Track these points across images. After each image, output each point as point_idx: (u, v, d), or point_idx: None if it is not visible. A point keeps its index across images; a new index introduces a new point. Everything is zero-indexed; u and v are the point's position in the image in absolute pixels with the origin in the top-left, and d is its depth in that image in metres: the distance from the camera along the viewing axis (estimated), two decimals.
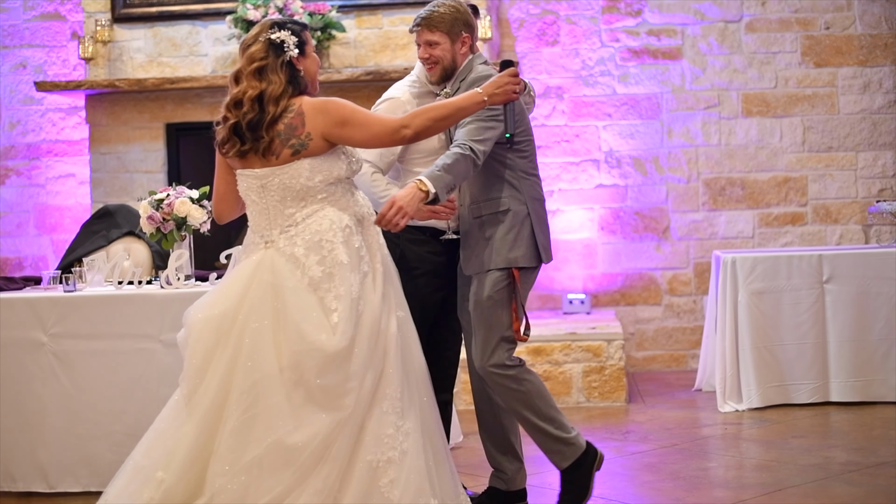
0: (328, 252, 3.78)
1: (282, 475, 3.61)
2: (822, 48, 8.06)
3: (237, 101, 3.84)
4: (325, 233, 3.81)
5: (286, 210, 3.85)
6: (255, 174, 3.86)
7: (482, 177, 4.24)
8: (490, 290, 4.23)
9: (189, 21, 7.89)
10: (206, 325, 3.78)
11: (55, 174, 8.35)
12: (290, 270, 3.77)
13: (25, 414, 5.07)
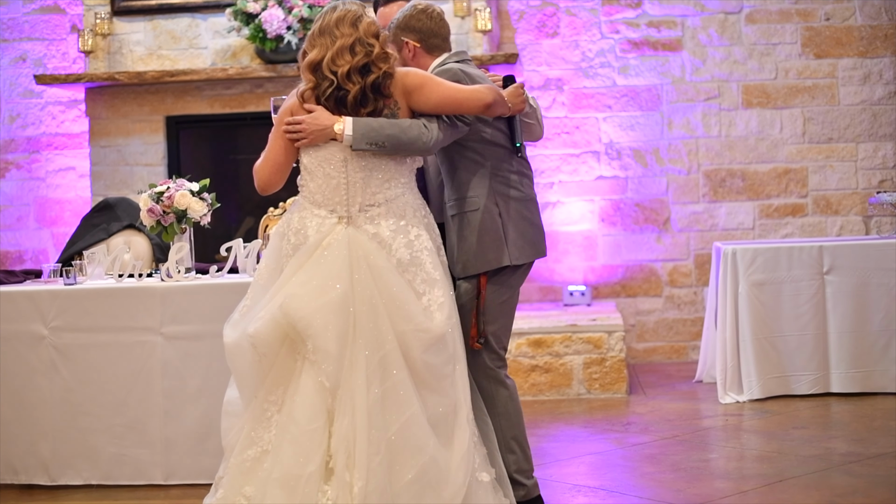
0: (414, 237, 3.80)
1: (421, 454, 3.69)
2: (823, 39, 8.05)
3: (373, 61, 3.84)
4: (409, 217, 3.83)
5: (369, 188, 3.83)
6: (341, 147, 3.81)
7: (455, 174, 4.16)
8: (465, 298, 4.11)
9: (189, 14, 7.89)
10: (329, 309, 3.70)
11: (55, 167, 8.34)
12: (377, 250, 3.76)
13: (26, 407, 5.08)
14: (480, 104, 3.87)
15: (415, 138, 3.85)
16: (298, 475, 3.59)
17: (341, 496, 3.58)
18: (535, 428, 6.01)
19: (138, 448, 5.00)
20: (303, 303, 3.69)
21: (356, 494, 3.56)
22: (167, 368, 5.00)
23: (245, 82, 7.73)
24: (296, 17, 7.44)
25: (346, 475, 3.59)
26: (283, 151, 3.91)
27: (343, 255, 3.76)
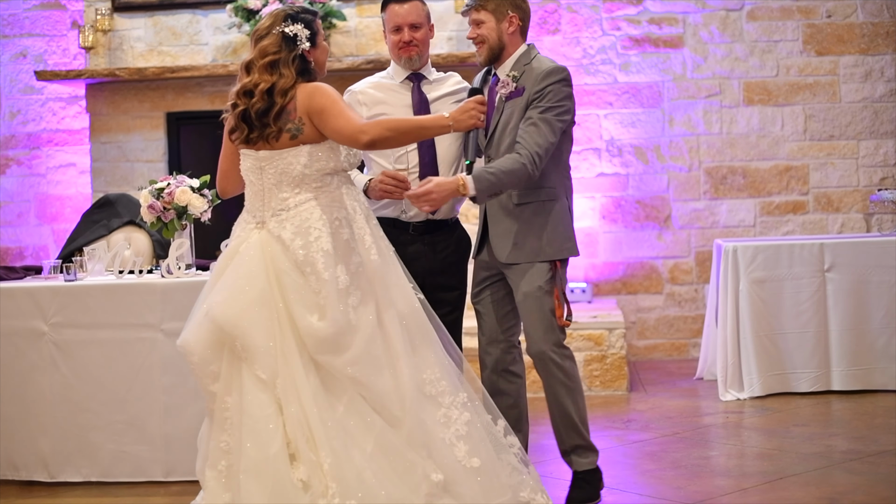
0: (314, 239, 3.84)
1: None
2: (824, 36, 8.04)
3: (248, 91, 3.93)
4: (314, 221, 3.87)
5: (280, 194, 3.92)
6: (256, 156, 3.94)
7: None
8: (541, 281, 4.32)
9: (189, 10, 7.88)
10: (252, 307, 3.81)
11: (56, 164, 8.34)
12: (280, 252, 3.85)
13: (26, 403, 5.08)
14: (357, 144, 3.89)
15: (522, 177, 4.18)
16: (263, 459, 3.70)
17: (314, 475, 3.68)
18: (536, 425, 6.00)
19: (138, 445, 5.00)
20: (226, 306, 3.82)
21: (328, 472, 3.68)
22: (167, 365, 5.00)
23: None
24: None
25: (311, 455, 3.71)
26: (226, 158, 4.10)
27: (257, 256, 3.88)
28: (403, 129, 3.97)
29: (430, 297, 4.53)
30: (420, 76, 4.61)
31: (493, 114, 4.37)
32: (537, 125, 4.23)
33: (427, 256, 4.53)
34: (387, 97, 4.57)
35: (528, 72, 4.35)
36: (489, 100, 4.38)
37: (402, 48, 4.54)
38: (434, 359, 3.98)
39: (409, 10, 4.55)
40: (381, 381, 3.84)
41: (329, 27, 7.54)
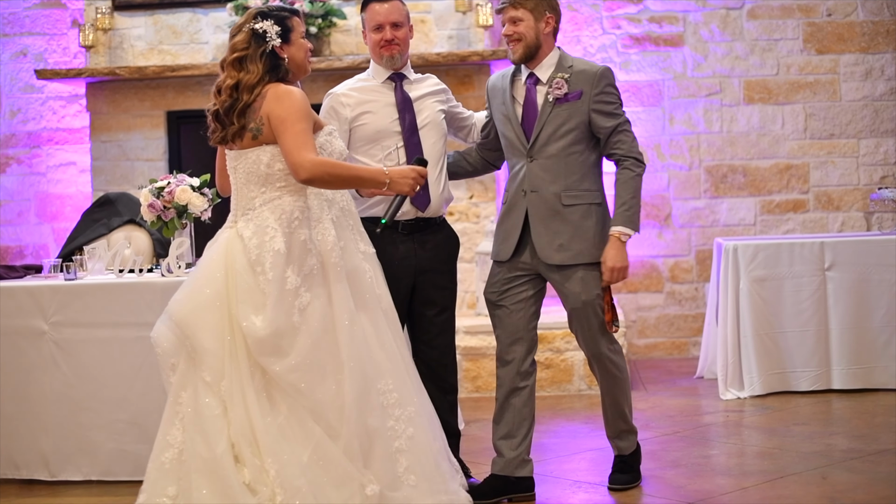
0: (269, 239, 3.87)
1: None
2: (824, 35, 8.04)
3: (218, 89, 3.99)
4: (272, 221, 3.91)
5: (249, 193, 3.97)
6: (230, 155, 4.02)
7: (579, 165, 4.44)
8: (595, 282, 4.44)
9: (190, 9, 7.88)
10: (203, 308, 3.87)
11: (56, 162, 8.34)
12: (240, 252, 3.90)
13: (27, 402, 5.08)
14: (294, 175, 3.89)
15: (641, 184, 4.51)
16: (210, 458, 3.76)
17: (259, 480, 3.73)
18: (537, 424, 5.99)
19: (139, 444, 4.99)
20: (181, 305, 3.91)
21: (274, 478, 3.72)
22: None
23: None
24: None
25: (255, 460, 3.75)
26: (220, 156, 4.18)
27: (220, 256, 3.93)
28: (343, 176, 3.94)
29: (422, 297, 4.54)
30: (402, 76, 4.63)
31: (539, 115, 4.42)
32: (626, 131, 4.46)
33: (417, 255, 4.55)
34: (369, 98, 4.58)
35: (577, 74, 4.42)
36: (528, 99, 4.45)
37: (384, 47, 4.56)
38: (390, 368, 3.97)
39: (391, 8, 4.57)
40: (321, 389, 3.83)
41: (329, 26, 7.54)
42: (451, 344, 4.68)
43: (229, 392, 3.81)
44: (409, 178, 3.99)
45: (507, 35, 4.43)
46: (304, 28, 4.12)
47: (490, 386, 6.82)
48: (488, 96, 4.66)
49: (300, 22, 4.09)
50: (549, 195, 4.40)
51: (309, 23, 7.45)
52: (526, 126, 4.44)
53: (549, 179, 4.40)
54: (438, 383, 4.59)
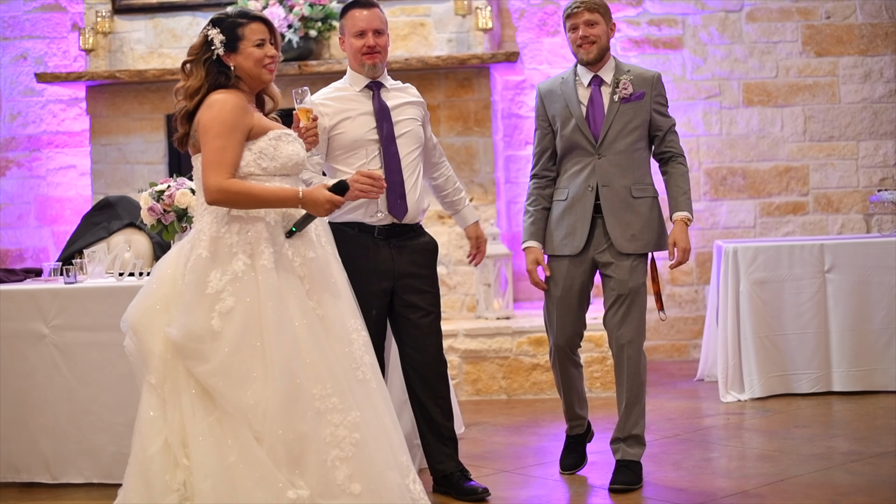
0: (198, 243, 3.94)
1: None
2: (823, 37, 8.05)
3: (175, 93, 4.10)
4: (205, 225, 3.96)
5: (198, 199, 4.05)
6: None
7: (643, 161, 4.77)
8: (645, 277, 4.73)
9: (189, 12, 7.88)
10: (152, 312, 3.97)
11: (56, 165, 8.34)
12: (181, 256, 3.99)
13: (27, 406, 5.08)
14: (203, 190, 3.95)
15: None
16: (143, 459, 3.84)
17: (188, 479, 3.79)
18: (537, 427, 6.01)
19: None
20: (134, 308, 4.01)
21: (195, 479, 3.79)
22: None
23: None
24: (297, 15, 7.43)
25: (185, 461, 3.82)
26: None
27: (173, 260, 4.04)
28: (259, 196, 3.91)
29: (402, 301, 4.54)
30: (379, 84, 4.62)
31: (607, 114, 4.67)
32: (676, 132, 4.81)
33: (394, 259, 4.55)
34: (347, 106, 4.58)
35: (637, 77, 4.71)
36: (595, 99, 4.67)
37: (367, 54, 4.54)
38: (327, 374, 3.91)
39: (372, 15, 4.56)
40: (243, 394, 3.81)
41: (329, 29, 7.54)
42: (437, 347, 4.64)
43: (171, 394, 3.88)
44: (323, 207, 3.96)
45: (584, 37, 4.64)
46: (264, 36, 4.09)
47: (490, 389, 6.82)
48: (542, 101, 4.81)
49: (258, 30, 4.07)
50: (621, 188, 4.68)
51: (308, 26, 7.46)
52: (593, 125, 4.67)
53: (619, 174, 4.68)
54: (427, 387, 4.58)
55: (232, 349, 3.82)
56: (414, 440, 4.78)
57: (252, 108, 4.06)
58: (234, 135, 3.91)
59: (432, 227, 7.44)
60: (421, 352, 4.58)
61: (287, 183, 4.02)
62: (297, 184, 4.08)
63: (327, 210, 3.96)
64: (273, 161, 3.99)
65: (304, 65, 7.47)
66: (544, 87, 4.81)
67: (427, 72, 7.44)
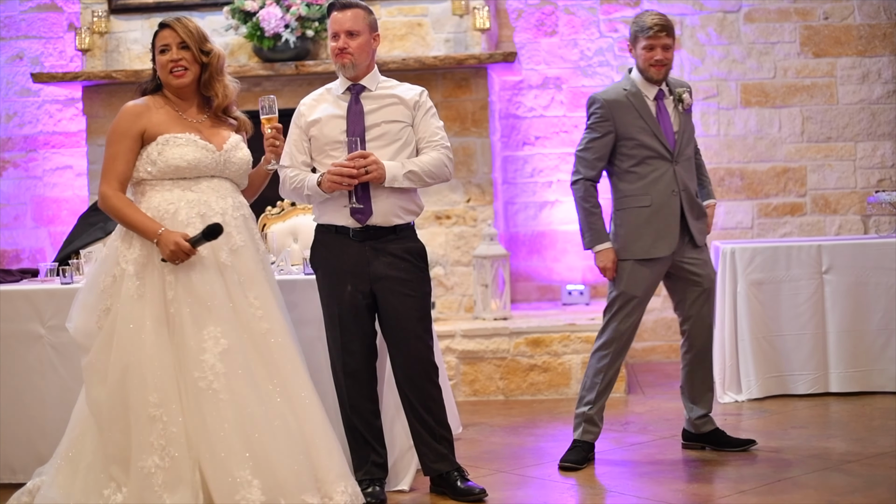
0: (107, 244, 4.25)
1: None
2: (821, 38, 8.04)
3: None
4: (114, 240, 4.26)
5: None
6: None
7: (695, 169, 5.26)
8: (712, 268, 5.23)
9: (186, 12, 7.82)
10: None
11: (52, 166, 8.33)
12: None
13: (24, 406, 5.07)
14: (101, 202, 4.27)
15: None
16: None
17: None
18: (534, 427, 6.00)
19: None
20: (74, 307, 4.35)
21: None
22: None
23: (243, 81, 7.56)
24: (293, 15, 7.42)
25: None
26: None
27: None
28: (121, 219, 4.16)
29: (384, 305, 4.54)
30: (361, 87, 4.61)
31: (674, 124, 5.07)
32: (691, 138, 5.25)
33: (370, 262, 4.53)
34: (324, 108, 4.62)
35: (687, 89, 5.16)
36: (663, 110, 5.05)
37: (337, 55, 4.57)
38: (164, 382, 4.04)
39: (344, 17, 4.56)
40: (97, 391, 4.09)
41: (325, 29, 7.51)
42: (423, 350, 4.60)
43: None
44: (167, 249, 4.06)
45: (660, 60, 4.99)
46: (166, 42, 4.25)
47: (487, 389, 6.81)
48: (609, 110, 5.04)
49: (162, 36, 4.27)
50: (692, 192, 5.10)
51: (305, 26, 7.45)
52: (667, 135, 5.04)
53: (689, 178, 5.11)
54: (415, 390, 4.57)
55: (99, 347, 4.10)
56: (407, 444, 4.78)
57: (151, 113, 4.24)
58: (124, 142, 4.22)
59: (429, 227, 7.44)
60: (406, 355, 4.57)
61: (180, 188, 4.19)
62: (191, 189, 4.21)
63: (170, 254, 4.06)
64: (155, 166, 4.18)
65: (300, 65, 7.47)
66: (608, 98, 5.05)
67: (424, 72, 7.43)
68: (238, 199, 4.34)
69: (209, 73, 4.30)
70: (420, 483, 4.79)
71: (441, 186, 7.39)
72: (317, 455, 4.17)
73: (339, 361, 4.58)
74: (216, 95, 4.33)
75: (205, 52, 4.28)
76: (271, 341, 4.22)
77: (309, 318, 4.81)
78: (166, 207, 4.19)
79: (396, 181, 4.47)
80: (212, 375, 4.05)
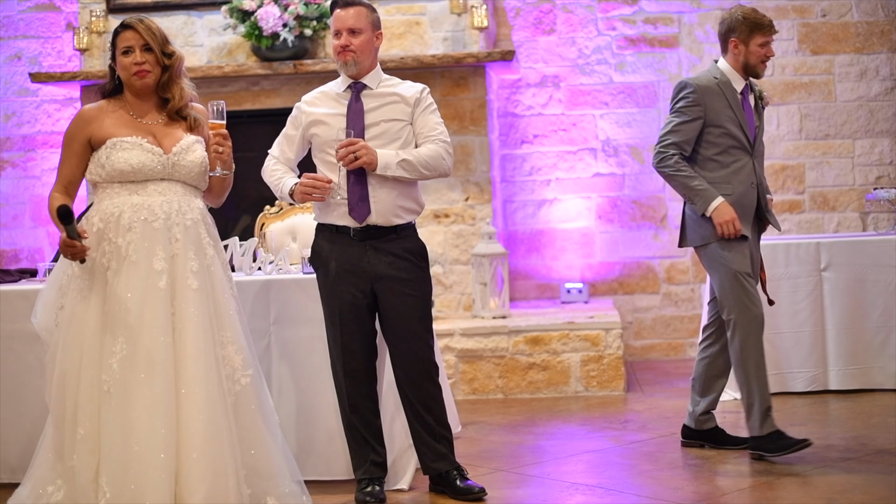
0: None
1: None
2: (819, 35, 8.05)
3: None
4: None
5: None
6: None
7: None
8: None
9: (184, 11, 7.86)
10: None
11: (51, 166, 8.32)
12: None
13: (23, 406, 5.06)
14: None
15: None
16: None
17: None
18: (533, 426, 6.00)
19: None
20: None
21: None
22: None
23: (241, 80, 7.72)
24: (291, 14, 7.42)
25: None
26: None
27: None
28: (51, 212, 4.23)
29: (384, 304, 4.54)
30: (362, 85, 4.61)
31: (756, 119, 5.13)
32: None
33: (371, 262, 4.52)
34: (325, 107, 4.62)
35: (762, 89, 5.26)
36: (747, 105, 5.09)
37: (339, 53, 4.56)
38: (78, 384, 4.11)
39: (349, 15, 4.55)
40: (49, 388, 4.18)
41: (324, 28, 7.53)
42: (422, 350, 4.59)
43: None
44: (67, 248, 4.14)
45: (767, 56, 5.09)
46: (130, 43, 4.24)
47: (486, 388, 6.81)
48: (700, 95, 5.03)
49: (125, 37, 4.25)
50: (765, 187, 5.14)
51: (303, 25, 7.45)
52: (749, 128, 5.07)
53: (762, 174, 5.14)
54: (415, 389, 4.57)
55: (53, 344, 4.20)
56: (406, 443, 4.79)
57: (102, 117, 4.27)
58: (71, 147, 4.30)
59: (427, 226, 7.44)
60: (406, 355, 4.57)
61: (127, 191, 4.20)
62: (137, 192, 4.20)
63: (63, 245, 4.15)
64: (104, 169, 4.22)
65: (299, 64, 7.47)
66: (700, 83, 5.07)
67: (422, 70, 7.43)
68: (188, 203, 4.24)
69: (169, 76, 4.30)
70: (419, 482, 4.79)
71: (440, 185, 7.39)
72: (182, 473, 4.05)
73: (338, 361, 4.58)
74: (173, 97, 4.31)
75: (167, 54, 4.28)
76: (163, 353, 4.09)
77: (308, 317, 4.81)
78: (112, 211, 4.20)
79: (389, 169, 4.45)
80: (111, 379, 4.05)
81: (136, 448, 3.97)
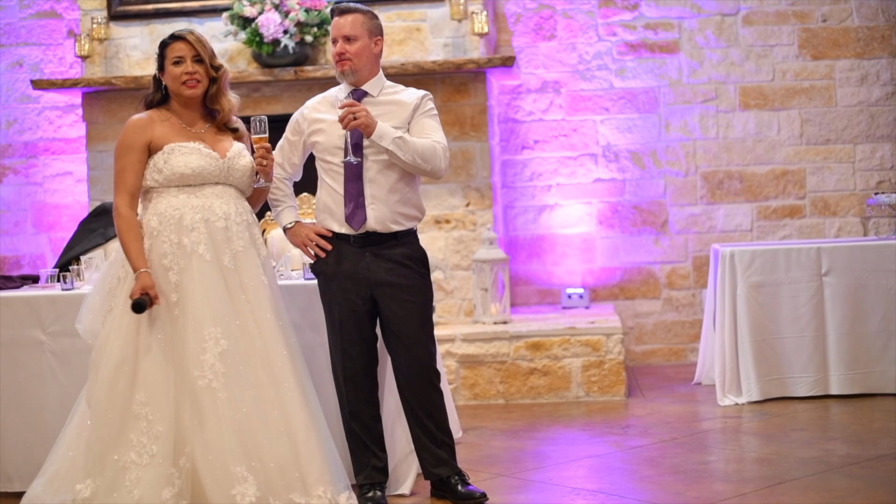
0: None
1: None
2: (820, 40, 8.05)
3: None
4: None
5: None
6: None
7: None
8: None
9: (185, 18, 7.87)
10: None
11: (52, 172, 8.34)
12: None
13: (24, 413, 5.06)
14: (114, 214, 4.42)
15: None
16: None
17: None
18: (534, 431, 6.01)
19: None
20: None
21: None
22: None
23: (242, 86, 7.71)
24: (292, 21, 7.43)
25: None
26: None
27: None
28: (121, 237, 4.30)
29: (384, 310, 4.55)
30: (363, 92, 4.61)
31: None
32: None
33: (370, 268, 4.53)
34: (325, 114, 4.62)
35: None
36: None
37: (337, 62, 4.57)
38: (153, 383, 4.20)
39: (345, 22, 4.56)
40: (95, 387, 4.24)
41: (325, 34, 7.54)
42: (423, 356, 4.59)
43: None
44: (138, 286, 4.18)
45: None
46: (181, 54, 4.37)
47: (488, 393, 6.82)
48: None
49: (176, 48, 4.39)
50: None
51: (304, 31, 7.46)
52: None
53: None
54: (416, 395, 4.58)
55: (99, 345, 4.27)
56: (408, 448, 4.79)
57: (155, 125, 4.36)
58: (131, 154, 4.31)
59: (428, 231, 7.44)
60: (407, 360, 4.57)
61: (185, 194, 4.32)
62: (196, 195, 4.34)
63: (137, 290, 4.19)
64: (161, 174, 4.32)
65: (300, 70, 7.48)
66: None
67: (423, 77, 7.44)
68: (242, 206, 4.45)
69: (217, 88, 4.45)
70: (421, 487, 4.79)
71: (440, 191, 7.40)
72: (302, 457, 4.26)
73: (339, 366, 4.58)
74: (221, 109, 4.48)
75: (215, 66, 4.43)
76: (258, 345, 4.31)
77: (309, 322, 4.82)
78: (171, 213, 4.31)
79: (384, 139, 4.43)
80: (211, 374, 4.19)
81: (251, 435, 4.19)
